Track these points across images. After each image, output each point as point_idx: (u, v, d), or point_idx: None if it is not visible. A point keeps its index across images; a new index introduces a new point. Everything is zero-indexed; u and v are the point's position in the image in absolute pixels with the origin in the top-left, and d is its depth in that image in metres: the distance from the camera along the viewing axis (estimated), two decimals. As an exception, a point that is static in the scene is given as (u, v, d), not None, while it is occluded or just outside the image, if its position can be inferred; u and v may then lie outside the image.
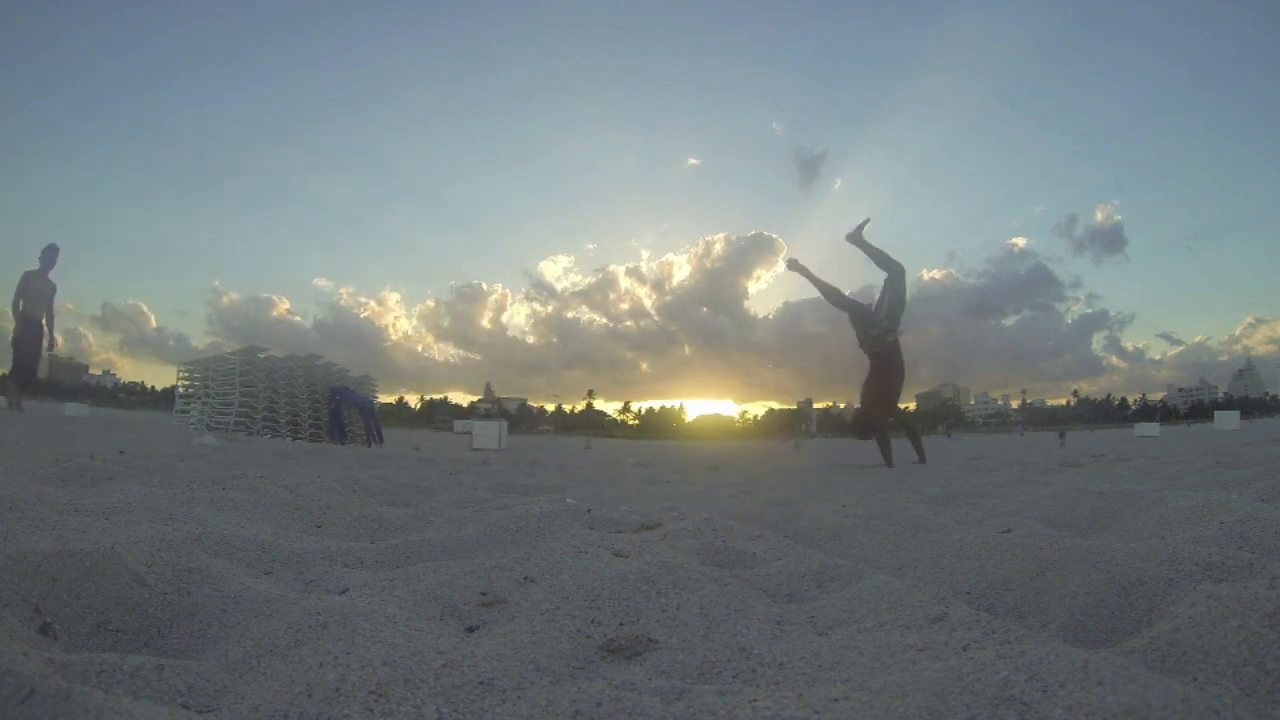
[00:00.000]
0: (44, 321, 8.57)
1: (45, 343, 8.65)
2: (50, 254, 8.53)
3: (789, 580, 1.32)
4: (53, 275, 8.67)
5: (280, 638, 0.90)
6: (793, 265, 6.96)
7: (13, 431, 4.81)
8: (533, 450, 12.93)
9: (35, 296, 8.42)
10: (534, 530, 1.78)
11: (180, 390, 10.82)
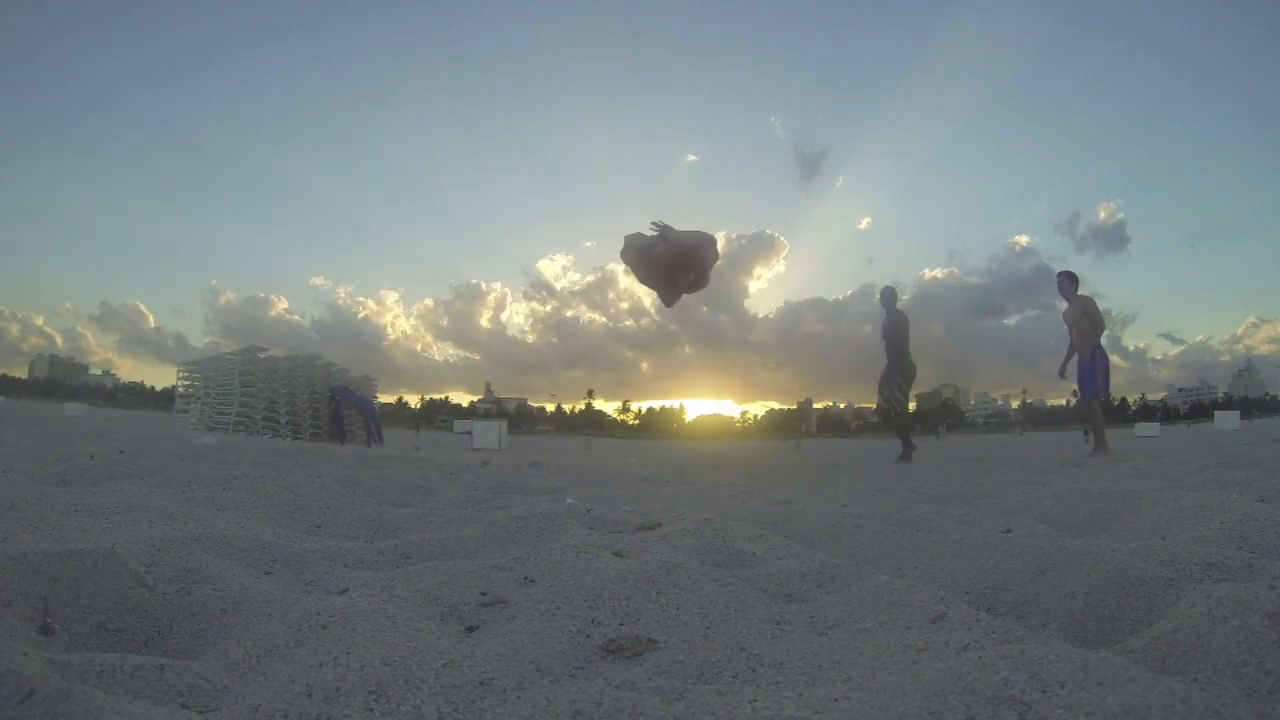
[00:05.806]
0: None
1: None
2: None
3: (789, 580, 1.32)
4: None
5: (280, 638, 0.90)
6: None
7: (12, 432, 4.81)
8: (533, 450, 12.92)
9: None
10: (534, 530, 1.78)
11: (180, 390, 10.85)
